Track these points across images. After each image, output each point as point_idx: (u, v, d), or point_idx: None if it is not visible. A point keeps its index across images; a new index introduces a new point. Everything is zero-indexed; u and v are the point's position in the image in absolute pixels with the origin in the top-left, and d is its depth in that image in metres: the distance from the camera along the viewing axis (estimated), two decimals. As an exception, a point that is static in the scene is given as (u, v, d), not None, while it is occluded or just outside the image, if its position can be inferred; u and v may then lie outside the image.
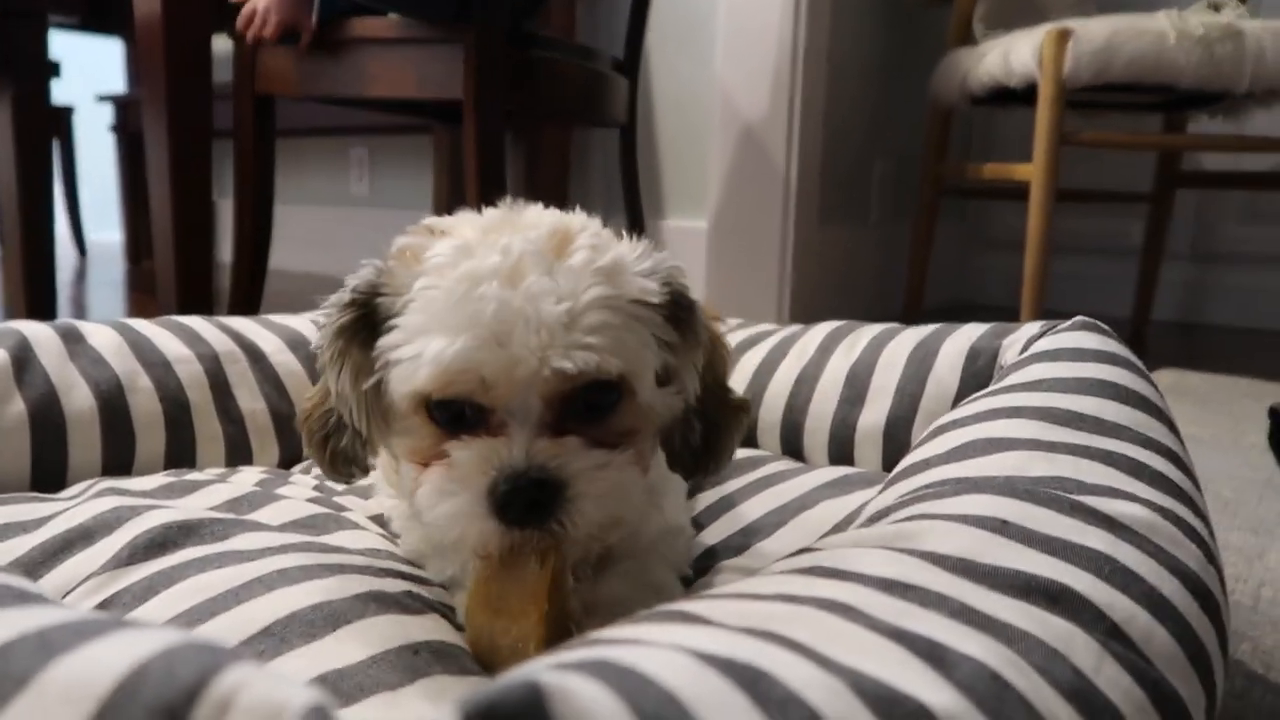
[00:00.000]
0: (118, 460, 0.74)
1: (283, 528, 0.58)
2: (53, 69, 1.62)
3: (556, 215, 0.50)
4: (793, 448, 0.84)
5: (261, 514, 0.62)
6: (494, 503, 0.43)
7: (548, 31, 1.61)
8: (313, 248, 3.22)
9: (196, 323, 0.86)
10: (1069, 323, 0.69)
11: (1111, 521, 0.45)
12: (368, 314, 0.48)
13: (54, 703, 0.24)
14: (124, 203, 3.38)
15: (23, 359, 0.73)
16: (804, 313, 2.04)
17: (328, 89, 1.53)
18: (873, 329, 0.86)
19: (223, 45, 1.78)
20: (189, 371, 0.80)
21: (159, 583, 0.49)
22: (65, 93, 3.36)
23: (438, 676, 0.41)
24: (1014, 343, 0.73)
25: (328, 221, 3.21)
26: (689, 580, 0.58)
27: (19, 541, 0.56)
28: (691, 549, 0.61)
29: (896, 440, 0.77)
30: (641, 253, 0.49)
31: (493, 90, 1.43)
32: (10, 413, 0.70)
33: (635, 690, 0.25)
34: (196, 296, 1.49)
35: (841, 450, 0.81)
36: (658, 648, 0.30)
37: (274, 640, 0.43)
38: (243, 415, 0.82)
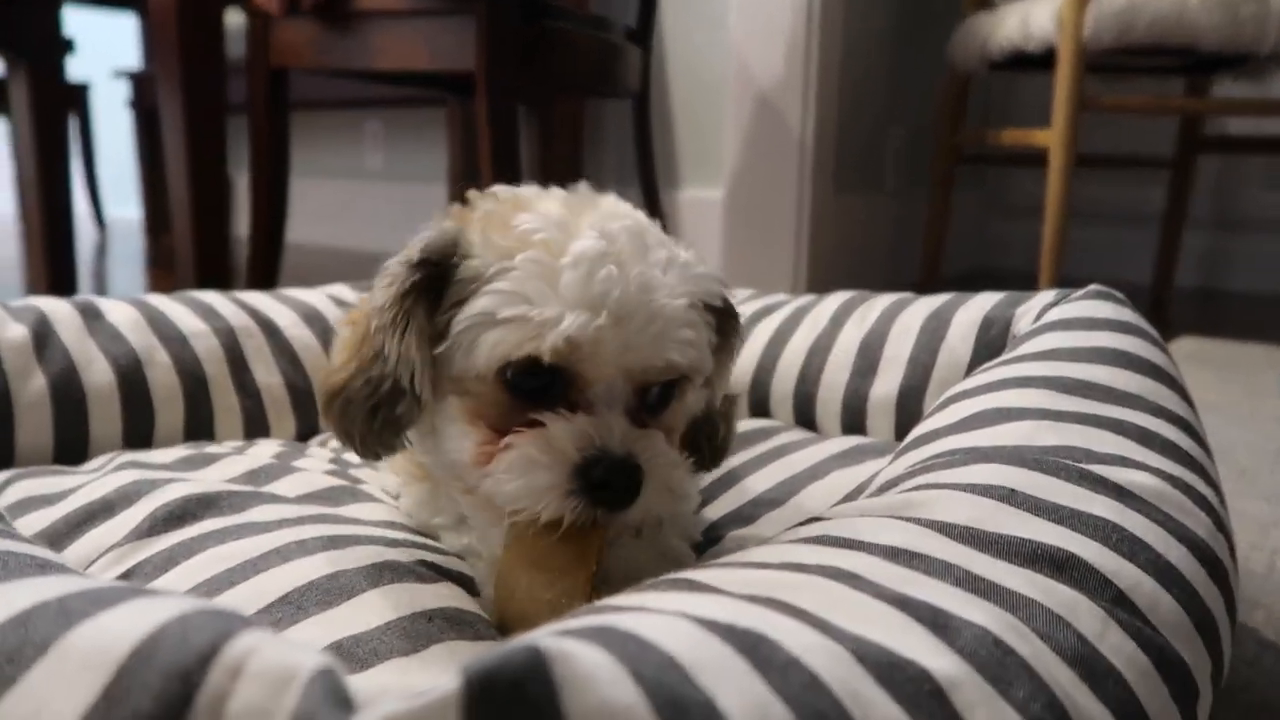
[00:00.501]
0: (138, 433, 0.76)
1: (299, 499, 0.59)
2: (67, 46, 1.62)
3: (628, 208, 0.50)
4: (805, 418, 0.85)
5: (278, 486, 0.63)
6: (585, 481, 0.43)
7: (560, 1, 1.59)
8: (328, 221, 3.23)
9: (212, 297, 0.87)
10: (1083, 291, 0.69)
11: (1120, 490, 0.45)
12: (435, 276, 0.47)
13: (74, 668, 0.25)
14: (142, 178, 3.40)
15: (43, 335, 0.74)
16: (820, 282, 2.03)
17: (340, 62, 1.53)
18: (885, 299, 0.85)
19: (235, 19, 1.78)
20: (206, 346, 0.81)
21: (179, 554, 0.50)
22: (81, 69, 3.38)
23: (451, 642, 0.42)
24: (1027, 312, 0.72)
25: (343, 195, 3.21)
26: (700, 547, 0.59)
27: (43, 514, 0.57)
28: (701, 517, 0.62)
29: (909, 410, 0.77)
30: (694, 257, 0.49)
31: (505, 62, 1.42)
32: (32, 388, 0.72)
33: (636, 655, 0.25)
34: (214, 271, 1.50)
35: (854, 420, 0.81)
36: (661, 614, 0.30)
37: (291, 608, 0.44)
38: (259, 389, 0.83)
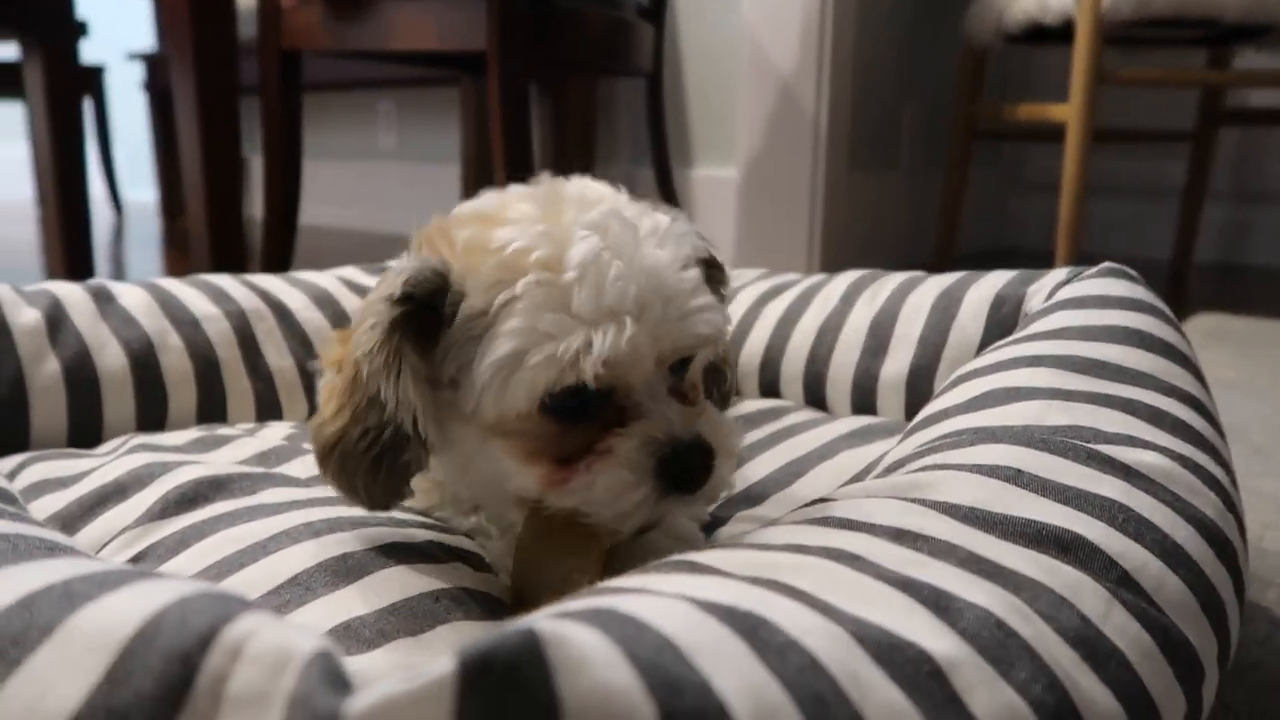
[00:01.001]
0: (151, 417, 0.76)
1: (309, 482, 0.59)
2: (81, 28, 1.62)
3: (593, 185, 0.50)
4: (815, 398, 0.84)
5: (289, 467, 0.63)
6: (665, 479, 0.44)
7: (571, -22, 1.59)
8: (341, 203, 3.24)
9: (223, 280, 0.87)
10: (1095, 269, 0.68)
11: (1128, 470, 0.44)
12: (420, 312, 0.45)
13: (78, 649, 0.25)
14: (157, 160, 3.42)
15: (56, 319, 0.75)
16: (834, 261, 2.02)
17: (351, 42, 1.52)
18: (896, 278, 0.85)
19: (247, 1, 1.78)
20: (218, 329, 0.81)
21: (190, 536, 0.50)
22: (95, 52, 3.38)
23: (457, 622, 0.42)
24: (1039, 290, 0.72)
25: (355, 176, 3.22)
26: (707, 528, 0.59)
27: (57, 496, 0.58)
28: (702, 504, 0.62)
29: (919, 390, 0.77)
30: (675, 218, 0.49)
31: (516, 40, 1.41)
32: (46, 371, 0.72)
33: (633, 637, 0.25)
34: (229, 253, 1.51)
35: (864, 400, 0.81)
36: (661, 596, 0.30)
37: (300, 590, 0.44)
38: (271, 372, 0.83)
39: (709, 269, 0.50)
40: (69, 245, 1.64)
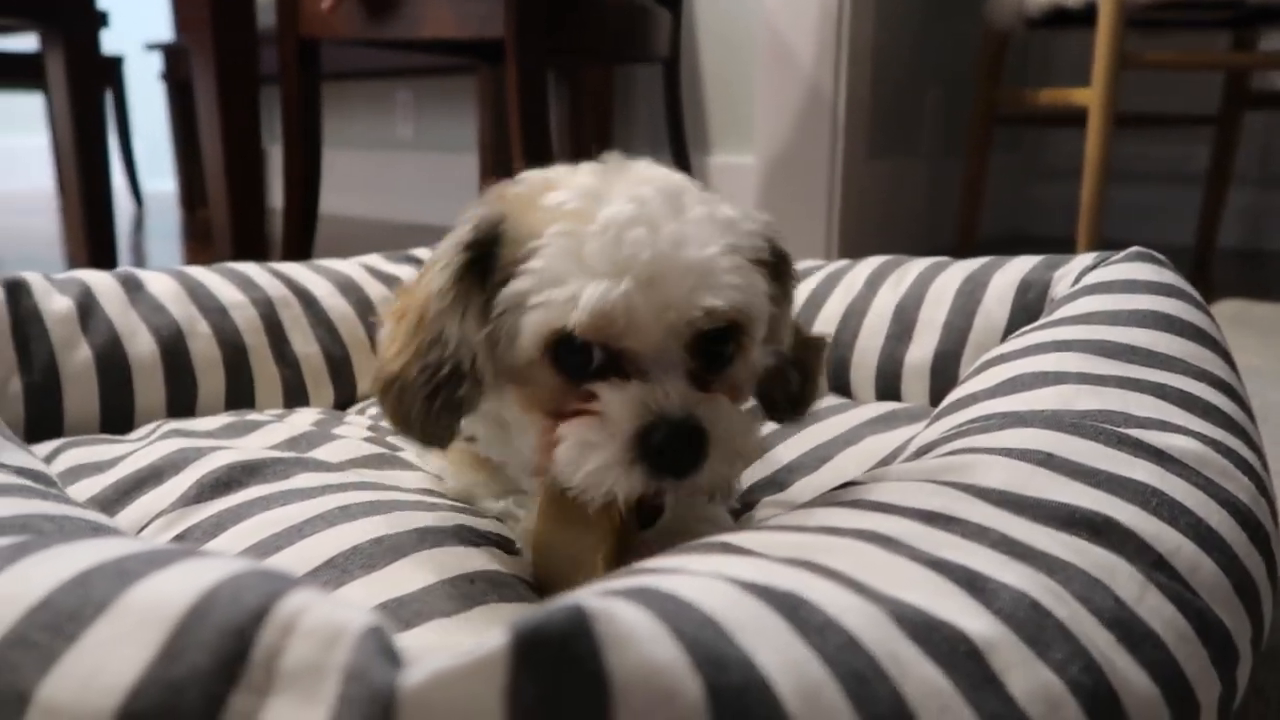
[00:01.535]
0: (180, 402, 0.77)
1: (341, 466, 0.60)
2: (102, 18, 1.63)
3: (664, 171, 0.49)
4: (840, 383, 0.84)
5: (320, 452, 0.64)
6: (645, 449, 0.42)
7: (588, -35, 1.58)
8: (360, 192, 3.25)
9: (249, 268, 0.88)
10: (1123, 253, 0.68)
11: (1160, 454, 0.44)
12: (483, 258, 0.47)
13: (133, 625, 0.26)
14: (176, 151, 3.44)
15: (87, 307, 0.76)
16: (853, 248, 2.01)
17: (369, 30, 1.53)
18: (921, 263, 0.84)
19: (265, -11, 1.78)
20: (245, 316, 0.82)
21: (227, 519, 0.51)
22: (114, 42, 3.40)
23: (493, 604, 0.43)
24: (1066, 275, 0.71)
25: (373, 165, 3.23)
26: (735, 513, 0.59)
27: (94, 481, 0.59)
28: (738, 483, 0.62)
29: (944, 375, 0.77)
30: (743, 211, 0.49)
31: (533, 27, 1.41)
32: (78, 358, 0.73)
33: (676, 614, 0.26)
34: (250, 243, 1.52)
35: (888, 385, 0.80)
36: (699, 576, 0.31)
37: (336, 571, 0.45)
38: (297, 358, 0.84)
39: (775, 266, 0.50)
40: (92, 236, 1.65)
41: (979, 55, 2.01)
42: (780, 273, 0.51)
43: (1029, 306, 0.73)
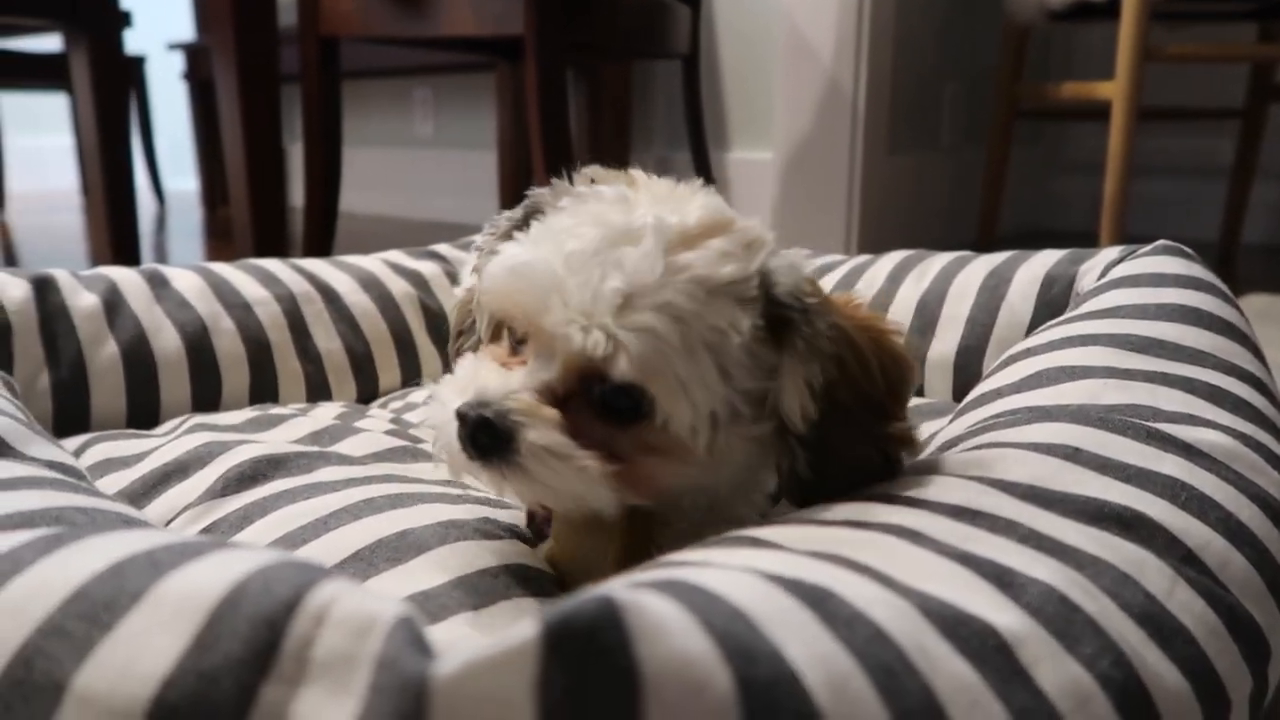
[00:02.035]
0: (205, 398, 0.78)
1: (364, 460, 0.60)
2: (125, 18, 1.64)
3: (719, 210, 0.45)
4: (860, 379, 0.84)
5: (343, 446, 0.64)
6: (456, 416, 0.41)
7: (607, -39, 1.58)
8: (379, 190, 3.26)
9: (273, 265, 0.89)
10: (1150, 247, 0.67)
11: (1189, 449, 0.44)
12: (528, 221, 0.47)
13: (166, 615, 0.26)
14: (198, 150, 3.46)
15: (113, 303, 0.77)
16: (873, 243, 2.00)
17: (389, 28, 1.53)
18: (943, 257, 0.84)
19: (286, -12, 1.79)
20: (268, 312, 0.83)
21: (253, 513, 0.51)
22: (137, 42, 3.43)
23: (517, 599, 0.43)
24: (1091, 269, 0.71)
25: (392, 163, 3.24)
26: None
27: (121, 475, 0.59)
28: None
29: (967, 370, 0.76)
30: (756, 268, 0.43)
31: (553, 24, 1.41)
32: (105, 354, 0.74)
33: (705, 606, 0.26)
34: (271, 241, 1.53)
35: (910, 381, 0.80)
36: (727, 569, 0.31)
37: (362, 565, 0.45)
38: (320, 354, 0.84)
39: (777, 321, 0.43)
40: (116, 234, 1.67)
41: (1000, 49, 2.00)
42: (790, 332, 0.43)
43: (1053, 301, 0.73)
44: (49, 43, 3.06)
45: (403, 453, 0.64)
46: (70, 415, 0.72)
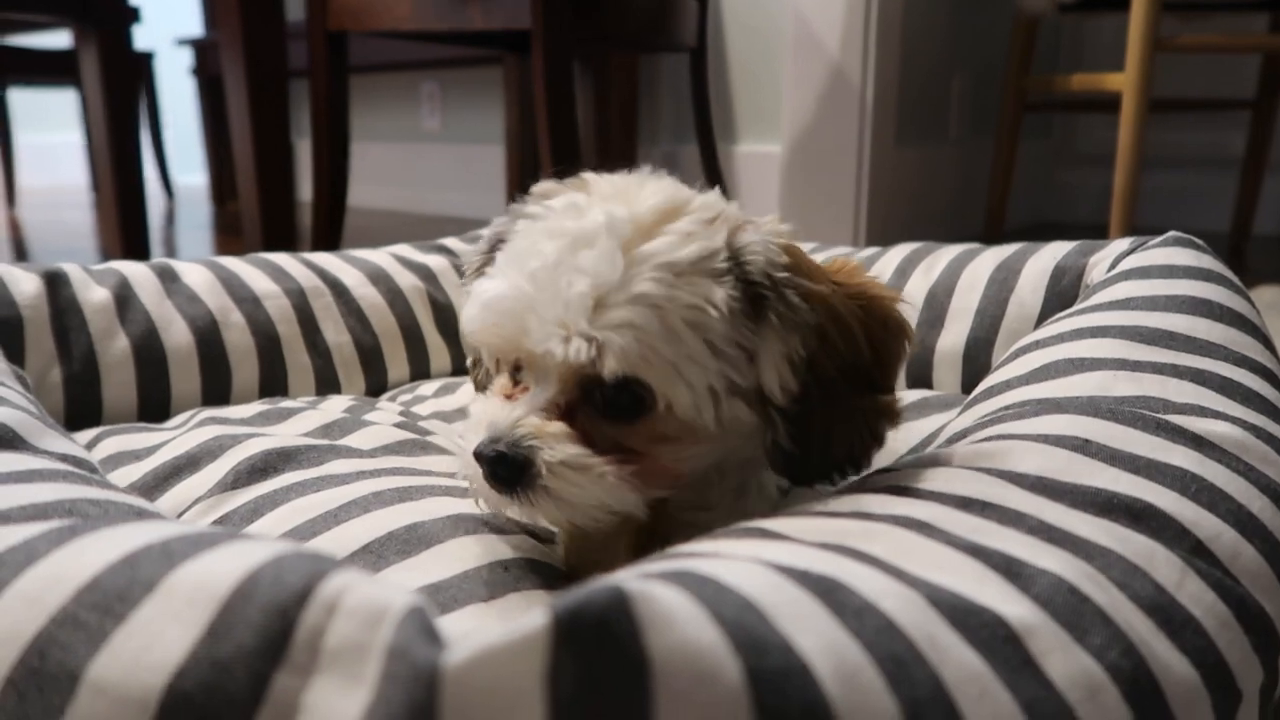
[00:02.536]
0: (216, 391, 0.78)
1: (374, 452, 0.61)
2: (134, 14, 1.65)
3: (675, 194, 0.45)
4: (869, 372, 0.84)
5: (352, 439, 0.65)
6: (476, 457, 0.43)
7: (614, -46, 1.58)
8: (386, 184, 3.27)
9: (282, 259, 0.89)
10: (1161, 238, 0.67)
11: (1199, 440, 0.44)
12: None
13: (180, 605, 0.26)
14: (206, 145, 3.47)
15: (124, 297, 0.77)
16: (880, 236, 2.00)
17: (397, 23, 1.53)
18: (952, 250, 0.84)
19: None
20: (277, 306, 0.83)
21: (263, 505, 0.52)
22: (145, 38, 3.44)
23: (528, 591, 0.43)
24: (1101, 260, 0.71)
25: (400, 157, 3.24)
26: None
27: (133, 468, 0.60)
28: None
29: (976, 362, 0.76)
30: (724, 242, 0.44)
31: (560, 17, 1.41)
32: (116, 348, 0.74)
33: (715, 597, 0.26)
34: (280, 235, 1.54)
35: (920, 373, 0.80)
36: (736, 560, 0.31)
37: (372, 557, 0.45)
38: (329, 348, 0.85)
39: (754, 301, 0.44)
40: (126, 229, 1.68)
41: (1009, 40, 1.99)
42: (765, 308, 0.43)
43: (1063, 293, 0.72)
44: (58, 39, 3.07)
45: (412, 446, 0.64)
46: (82, 408, 0.73)
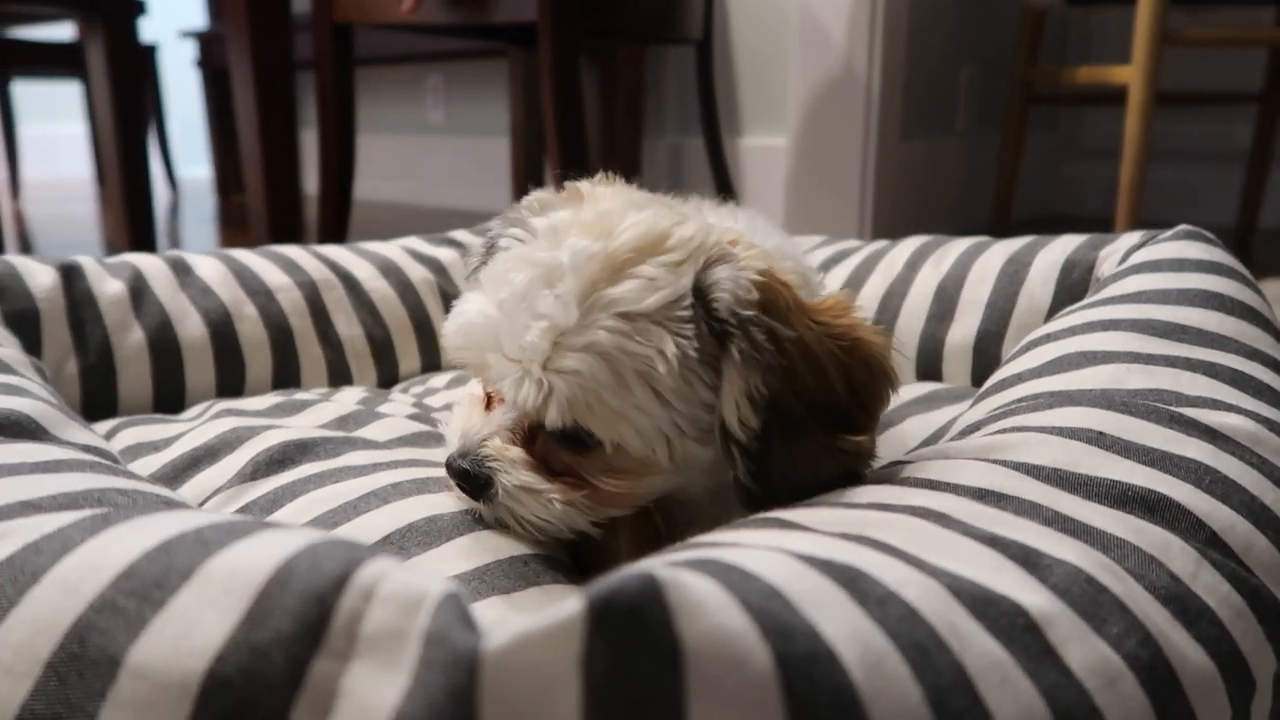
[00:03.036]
0: (229, 383, 0.79)
1: (389, 444, 0.61)
2: (140, 7, 1.65)
3: (651, 226, 0.44)
4: (878, 365, 0.84)
5: (366, 431, 0.65)
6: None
7: (620, -54, 1.58)
8: (390, 177, 3.27)
9: (293, 251, 0.89)
10: (1171, 232, 0.67)
11: (1212, 433, 0.44)
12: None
13: (217, 592, 0.27)
14: (211, 137, 3.47)
15: (139, 290, 0.78)
16: (887, 229, 2.00)
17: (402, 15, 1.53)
18: (962, 243, 0.84)
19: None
20: (290, 299, 0.83)
21: (283, 496, 0.52)
22: (149, 30, 3.44)
23: (548, 585, 0.44)
24: (1112, 254, 0.71)
25: (404, 150, 3.24)
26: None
27: (151, 459, 0.60)
28: None
29: (986, 355, 0.76)
30: (690, 286, 0.43)
31: (566, 10, 1.41)
32: (131, 340, 0.75)
33: (742, 585, 0.26)
34: (286, 228, 1.54)
35: (930, 366, 0.80)
36: (759, 549, 0.31)
37: (393, 548, 0.46)
38: (341, 340, 0.85)
39: (716, 331, 0.43)
40: (132, 222, 1.68)
41: (1016, 33, 1.98)
42: (729, 345, 0.43)
43: (1073, 286, 0.73)
44: (60, 31, 3.06)
45: (426, 438, 0.65)
46: (98, 400, 0.73)
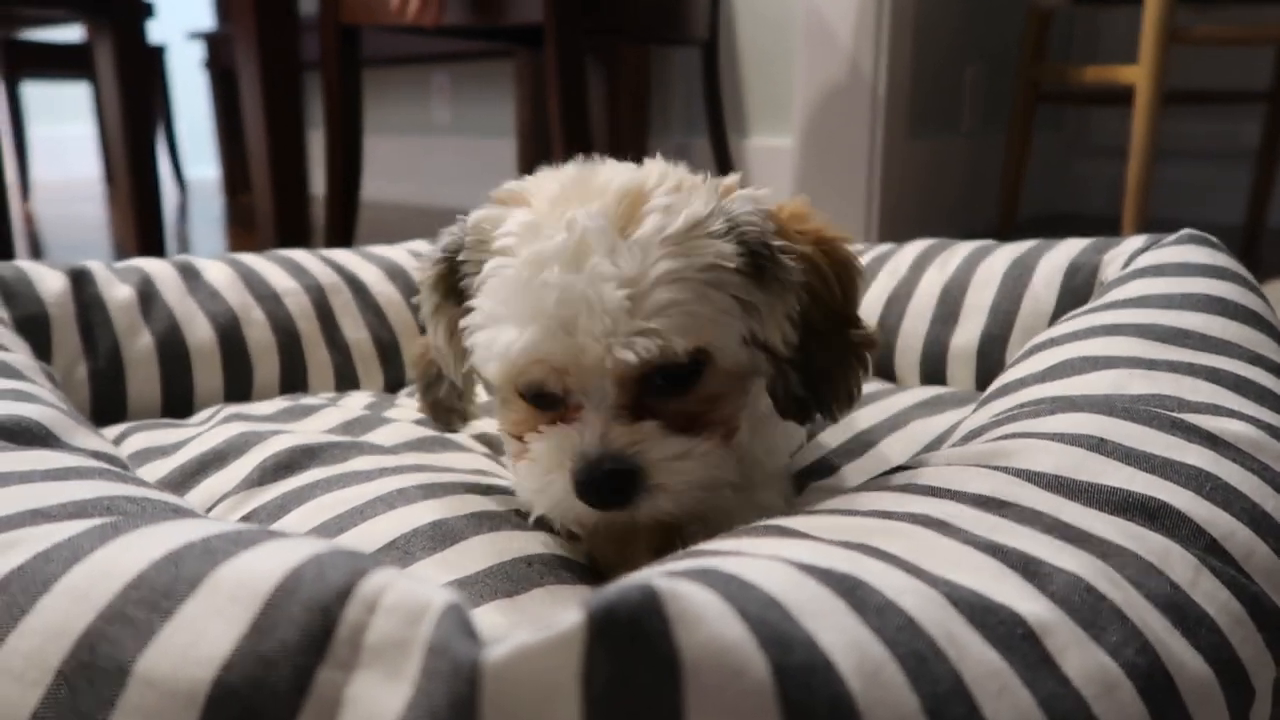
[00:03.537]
0: (238, 388, 0.79)
1: (396, 449, 0.62)
2: (148, 9, 1.66)
3: (629, 175, 0.47)
4: (884, 368, 0.84)
5: (373, 436, 0.66)
6: (578, 488, 0.43)
7: (626, -53, 1.58)
8: (397, 177, 3.27)
9: (300, 255, 0.90)
10: (1175, 236, 0.67)
11: (1214, 439, 0.44)
12: (454, 271, 0.49)
13: (223, 601, 0.27)
14: (219, 138, 3.48)
15: (147, 294, 0.78)
16: (893, 230, 2.00)
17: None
18: (966, 246, 0.84)
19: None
20: (297, 303, 0.84)
21: (290, 501, 0.53)
22: (157, 31, 3.45)
23: (552, 587, 0.44)
24: (1116, 258, 0.71)
25: (411, 151, 3.25)
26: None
27: (160, 464, 0.61)
28: (790, 483, 0.62)
29: (990, 359, 0.77)
30: (713, 208, 0.45)
31: (572, 11, 1.41)
32: (140, 345, 0.76)
33: (740, 594, 0.27)
34: (293, 228, 1.55)
35: (934, 370, 0.80)
36: (758, 558, 0.31)
37: (399, 553, 0.46)
38: (348, 344, 0.86)
39: (756, 261, 0.46)
40: (141, 222, 1.69)
41: (1022, 31, 1.98)
42: (764, 268, 0.46)
43: (1077, 290, 0.73)
44: (70, 33, 3.08)
45: (432, 442, 0.65)
46: (107, 404, 0.74)
